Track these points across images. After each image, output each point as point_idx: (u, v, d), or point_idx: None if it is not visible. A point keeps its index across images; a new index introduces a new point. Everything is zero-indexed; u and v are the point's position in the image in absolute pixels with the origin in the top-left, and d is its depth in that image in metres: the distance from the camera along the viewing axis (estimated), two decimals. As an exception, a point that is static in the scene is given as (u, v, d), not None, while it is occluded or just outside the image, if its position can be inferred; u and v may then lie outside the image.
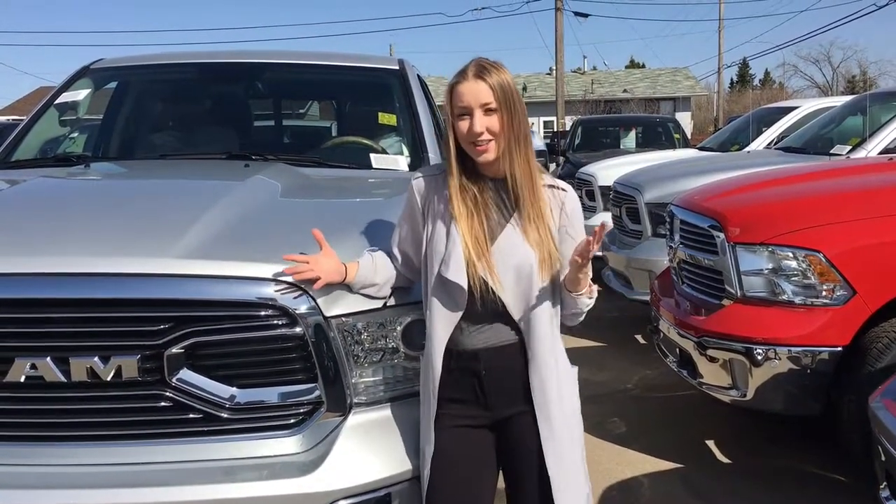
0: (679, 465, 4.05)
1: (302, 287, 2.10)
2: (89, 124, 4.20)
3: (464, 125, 2.06)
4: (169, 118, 4.20)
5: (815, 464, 3.98)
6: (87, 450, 2.07)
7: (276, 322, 2.09)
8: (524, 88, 47.64)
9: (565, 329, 2.30)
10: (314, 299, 2.11)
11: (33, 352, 2.02)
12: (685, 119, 42.38)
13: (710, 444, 4.32)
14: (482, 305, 2.09)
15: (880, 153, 5.78)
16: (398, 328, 2.27)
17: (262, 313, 2.09)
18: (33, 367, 2.01)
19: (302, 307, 2.10)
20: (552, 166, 14.25)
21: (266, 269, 2.10)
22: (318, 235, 2.14)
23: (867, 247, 3.53)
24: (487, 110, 2.05)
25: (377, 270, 2.19)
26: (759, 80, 75.59)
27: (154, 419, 2.08)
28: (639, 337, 6.54)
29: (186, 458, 2.09)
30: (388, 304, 2.24)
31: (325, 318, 2.12)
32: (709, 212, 4.13)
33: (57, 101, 3.79)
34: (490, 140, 2.06)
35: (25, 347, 2.02)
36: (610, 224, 1.94)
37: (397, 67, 3.97)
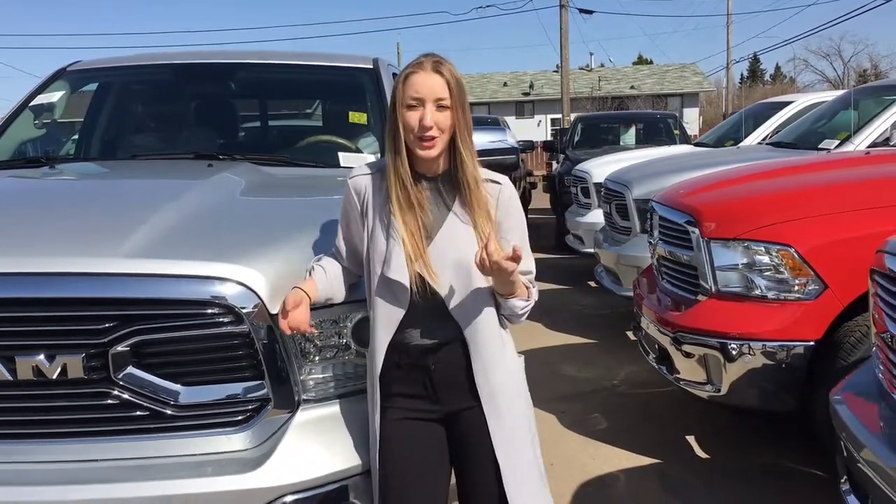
0: (657, 461, 4.05)
1: (247, 285, 2.12)
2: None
3: (413, 116, 2.04)
4: (141, 119, 4.23)
5: (793, 459, 3.97)
6: (35, 447, 2.10)
7: (221, 320, 2.11)
8: (531, 86, 47.61)
9: (555, 325, 2.31)
10: (260, 297, 2.12)
11: None
12: (693, 115, 42.32)
13: (690, 439, 4.31)
14: (424, 302, 2.09)
15: (868, 147, 5.76)
16: (349, 325, 2.29)
17: (208, 311, 2.10)
18: None
19: (247, 305, 2.11)
20: (554, 164, 14.21)
21: (211, 268, 2.11)
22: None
23: (838, 242, 3.52)
24: (440, 106, 2.05)
25: (331, 282, 2.20)
26: (770, 76, 75.27)
27: (101, 417, 2.10)
28: (629, 334, 6.52)
29: (134, 455, 2.11)
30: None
31: (272, 315, 2.14)
32: (685, 207, 4.13)
33: (32, 103, 3.83)
34: (438, 136, 2.05)
35: None
36: (517, 251, 1.94)
37: (371, 66, 3.98)
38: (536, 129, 43.72)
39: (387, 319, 2.11)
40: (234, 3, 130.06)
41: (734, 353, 3.62)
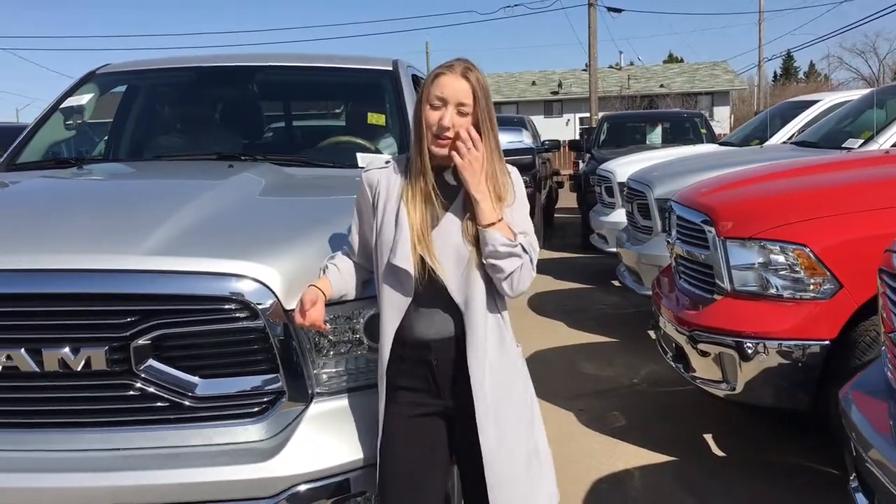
0: (673, 459, 4.08)
1: (263, 282, 2.20)
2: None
3: (435, 115, 2.12)
4: (167, 120, 4.34)
5: (808, 457, 3.98)
6: (60, 436, 2.20)
7: (238, 315, 2.19)
8: (559, 85, 47.46)
9: (577, 324, 2.34)
10: (275, 294, 2.20)
11: (8, 343, 2.14)
12: (724, 114, 41.90)
13: (708, 437, 4.34)
14: (428, 290, 2.16)
15: (893, 146, 5.72)
16: (362, 321, 2.36)
17: (226, 307, 2.18)
18: (9, 357, 2.13)
19: (263, 302, 2.19)
20: (580, 163, 14.22)
21: (229, 266, 2.20)
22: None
23: (853, 241, 3.52)
24: (461, 111, 2.12)
25: (344, 279, 2.27)
26: (804, 73, 74.29)
27: (122, 407, 2.20)
28: (651, 333, 6.54)
29: (154, 445, 2.20)
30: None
31: (286, 311, 2.21)
32: (701, 207, 4.16)
33: (62, 106, 3.95)
34: (452, 138, 2.13)
35: (1, 339, 2.15)
36: (473, 132, 2.00)
37: (390, 68, 4.05)
38: (565, 128, 43.60)
39: (392, 308, 2.17)
40: (266, 5, 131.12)
41: (749, 351, 3.64)
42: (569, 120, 45.62)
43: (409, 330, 2.19)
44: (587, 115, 28.40)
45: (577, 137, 22.00)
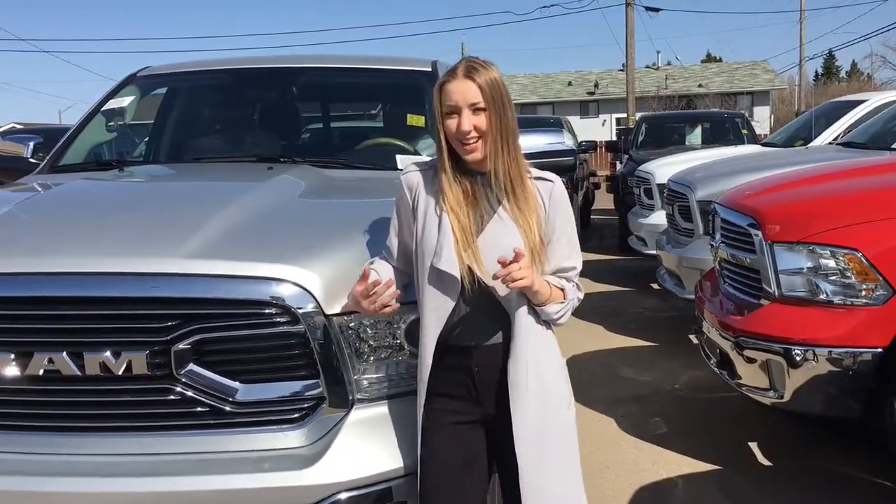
0: (717, 467, 3.98)
1: (304, 286, 2.17)
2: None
3: (452, 124, 2.10)
4: (207, 122, 4.34)
5: (858, 467, 3.86)
6: (100, 440, 2.19)
7: (278, 320, 2.16)
8: (596, 85, 47.16)
9: (616, 327, 2.30)
10: (316, 298, 2.17)
11: (50, 347, 2.14)
12: (764, 114, 41.31)
13: (753, 446, 4.23)
14: (472, 296, 2.11)
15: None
16: (403, 326, 2.32)
17: (266, 311, 2.16)
18: (51, 361, 2.13)
19: (304, 306, 2.16)
20: (617, 164, 14.07)
21: (269, 269, 2.17)
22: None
23: (908, 245, 3.41)
24: (476, 109, 2.08)
25: (396, 286, 2.22)
26: (846, 73, 73.02)
27: (162, 412, 2.18)
28: (692, 337, 6.42)
29: (193, 450, 2.18)
30: None
31: (327, 316, 2.18)
32: (747, 210, 4.06)
33: (104, 108, 3.98)
34: (478, 139, 2.09)
35: (43, 343, 2.15)
36: (521, 252, 1.98)
37: (430, 69, 4.01)
38: (601, 128, 43.27)
39: (436, 313, 2.13)
40: (299, 7, 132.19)
41: (798, 359, 3.54)
42: (605, 120, 45.28)
43: (451, 336, 2.15)
44: (624, 115, 28.17)
45: (614, 138, 21.77)
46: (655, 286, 7.78)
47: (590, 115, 46.68)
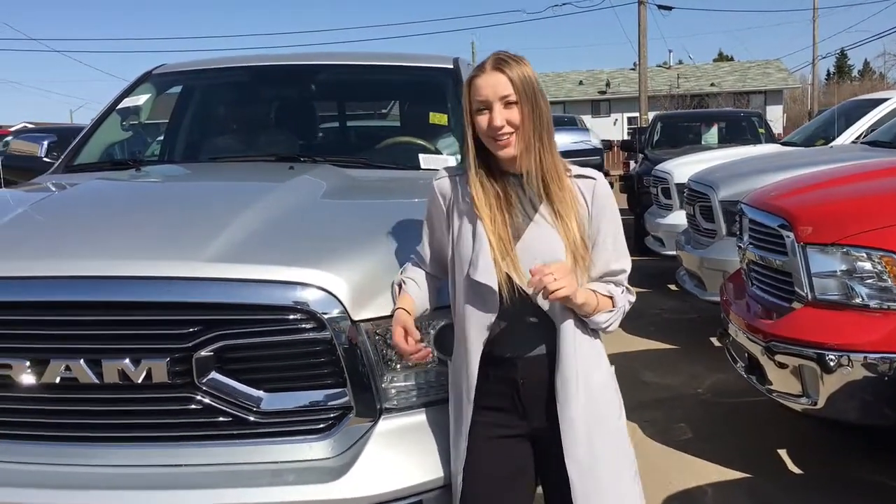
0: (746, 475, 3.88)
1: (330, 291, 2.08)
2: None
3: (483, 119, 1.99)
4: (224, 121, 4.27)
5: (892, 475, 3.75)
6: (119, 451, 2.10)
7: (304, 326, 2.07)
8: (607, 84, 47.01)
9: (635, 329, 2.20)
10: (342, 304, 2.08)
11: (67, 354, 2.05)
12: (777, 112, 41.09)
13: (782, 453, 4.12)
14: (512, 307, 2.01)
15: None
16: (431, 332, 2.23)
17: (290, 317, 2.07)
18: (67, 368, 2.04)
19: (330, 311, 2.07)
20: (631, 164, 13.96)
21: (293, 273, 2.08)
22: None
23: (948, 247, 3.29)
24: (507, 103, 1.98)
25: (423, 293, 2.15)
26: (858, 72, 72.62)
27: (183, 422, 2.09)
28: (713, 340, 6.31)
29: (215, 461, 2.10)
30: None
31: (354, 322, 2.09)
32: (778, 210, 3.94)
33: (119, 107, 3.90)
34: (511, 133, 1.99)
35: (60, 349, 2.06)
36: (542, 267, 1.88)
37: (451, 66, 3.92)
38: (613, 127, 43.11)
39: (477, 327, 2.02)
40: (308, 6, 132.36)
41: (832, 364, 3.42)
42: (616, 120, 45.12)
43: (493, 347, 2.04)
44: (635, 114, 28.06)
45: (625, 137, 21.64)
46: (674, 287, 7.67)
47: (601, 114, 46.54)
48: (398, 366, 2.19)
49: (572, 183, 2.06)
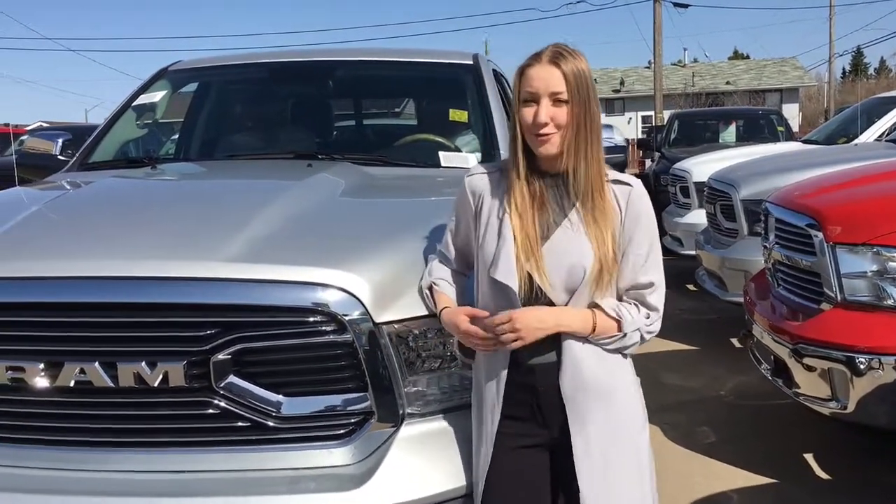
0: (773, 480, 3.79)
1: (351, 292, 2.01)
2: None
3: (528, 112, 1.91)
4: (241, 118, 4.22)
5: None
6: (133, 456, 2.04)
7: (324, 328, 2.01)
8: (621, 83, 46.82)
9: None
10: (364, 305, 2.02)
11: (82, 356, 1.99)
12: (793, 111, 40.79)
13: (809, 457, 4.03)
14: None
15: None
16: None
17: (311, 319, 2.00)
18: (82, 371, 1.99)
19: (351, 313, 2.01)
20: (647, 162, 13.86)
21: (314, 274, 2.02)
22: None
23: (984, 247, 3.19)
24: (556, 100, 1.89)
25: (454, 292, 2.09)
26: (875, 70, 72.05)
27: (200, 427, 2.03)
28: (734, 341, 6.21)
29: (233, 468, 2.03)
30: None
31: (376, 324, 2.02)
32: (806, 209, 3.85)
33: (134, 104, 3.85)
34: (554, 133, 1.90)
35: (74, 351, 2.00)
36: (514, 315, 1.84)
37: (471, 62, 3.85)
38: (627, 126, 42.92)
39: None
40: (319, 5, 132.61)
41: (862, 367, 3.33)
42: (630, 118, 44.90)
43: (515, 351, 1.96)
44: (649, 113, 27.88)
45: (641, 136, 21.51)
46: (692, 287, 7.57)
47: (615, 112, 46.34)
48: (421, 370, 2.11)
49: (609, 187, 1.97)
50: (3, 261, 2.12)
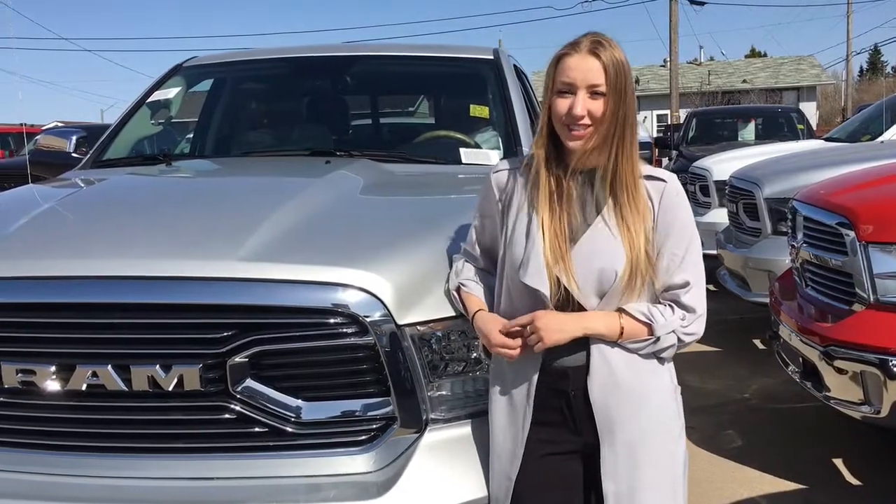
0: (801, 486, 3.68)
1: (373, 293, 1.94)
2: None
3: (563, 104, 1.82)
4: (257, 115, 4.16)
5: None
6: (147, 463, 1.98)
7: (345, 330, 1.93)
8: (637, 81, 46.55)
9: None
10: (386, 306, 1.94)
11: (94, 359, 1.93)
12: (810, 109, 40.43)
13: (838, 462, 3.92)
14: (563, 311, 1.85)
15: None
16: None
17: (331, 321, 1.93)
18: (94, 375, 1.92)
19: (373, 314, 1.93)
20: (664, 161, 13.73)
21: (333, 274, 1.95)
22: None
23: None
24: (594, 93, 1.80)
25: (482, 292, 2.01)
26: (892, 68, 71.46)
27: (216, 432, 1.96)
28: (757, 342, 6.11)
29: (251, 475, 1.96)
30: None
31: (399, 326, 1.95)
32: (836, 207, 3.74)
33: (149, 100, 3.79)
34: (589, 126, 1.81)
35: (86, 354, 1.94)
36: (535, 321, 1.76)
37: (492, 57, 3.77)
38: (642, 125, 42.70)
39: None
40: (334, 5, 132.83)
41: (896, 370, 3.23)
42: (646, 117, 44.59)
43: (544, 355, 1.88)
44: (665, 112, 27.69)
45: (658, 134, 21.34)
46: (713, 287, 7.45)
47: (630, 111, 46.05)
48: (444, 373, 2.04)
49: (642, 184, 1.88)
50: (12, 260, 2.06)
